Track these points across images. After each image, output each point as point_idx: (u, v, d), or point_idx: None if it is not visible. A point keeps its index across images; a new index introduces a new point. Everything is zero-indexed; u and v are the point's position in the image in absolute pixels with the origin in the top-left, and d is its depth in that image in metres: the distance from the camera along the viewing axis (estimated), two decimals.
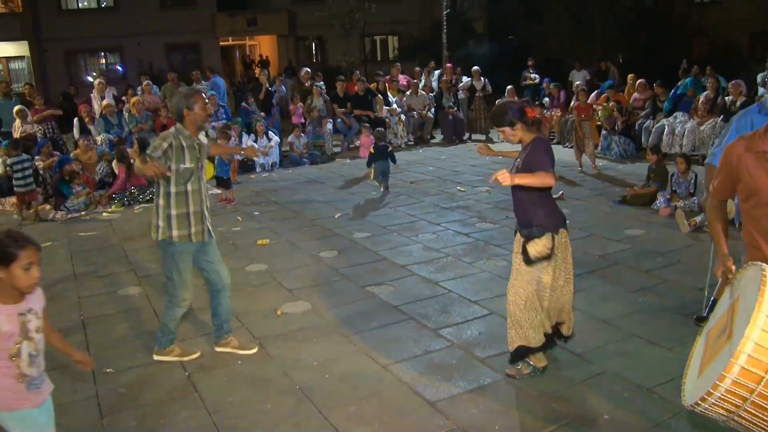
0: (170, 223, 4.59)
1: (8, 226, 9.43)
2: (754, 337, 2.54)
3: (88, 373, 4.85)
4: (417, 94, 15.76)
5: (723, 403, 2.65)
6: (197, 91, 4.78)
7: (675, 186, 8.92)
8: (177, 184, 4.56)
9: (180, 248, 4.65)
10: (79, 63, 26.56)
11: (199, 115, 4.63)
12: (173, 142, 4.51)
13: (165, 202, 4.59)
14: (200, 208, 4.69)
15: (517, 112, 4.30)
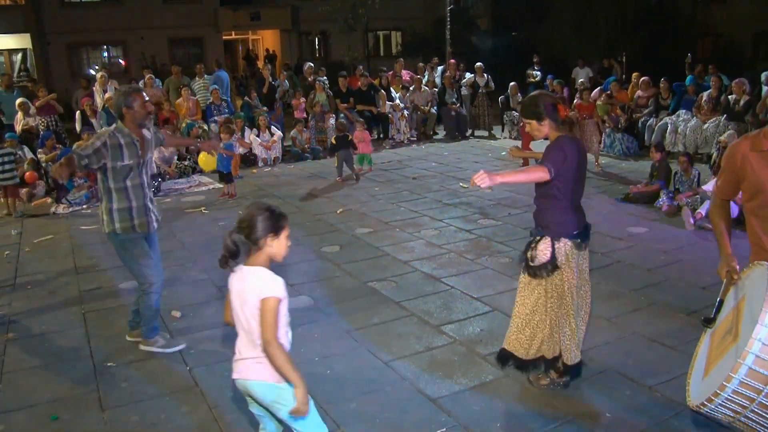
0: (113, 217, 4.73)
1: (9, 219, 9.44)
2: (762, 338, 2.52)
3: (90, 367, 4.87)
4: (420, 90, 15.73)
5: (730, 404, 2.63)
6: (136, 89, 4.86)
7: (678, 184, 8.91)
8: (116, 181, 4.68)
9: (125, 238, 4.79)
10: (82, 56, 26.51)
11: (138, 113, 4.71)
12: (108, 140, 4.60)
13: (106, 197, 4.73)
14: (143, 203, 4.82)
15: (549, 107, 3.98)
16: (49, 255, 7.77)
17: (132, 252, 4.85)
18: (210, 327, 5.49)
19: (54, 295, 6.45)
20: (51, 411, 4.27)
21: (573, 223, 4.11)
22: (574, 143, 4.02)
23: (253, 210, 2.89)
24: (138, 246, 4.86)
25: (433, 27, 26.01)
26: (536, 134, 4.10)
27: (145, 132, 4.86)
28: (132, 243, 4.83)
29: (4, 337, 5.46)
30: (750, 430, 2.74)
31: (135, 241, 4.84)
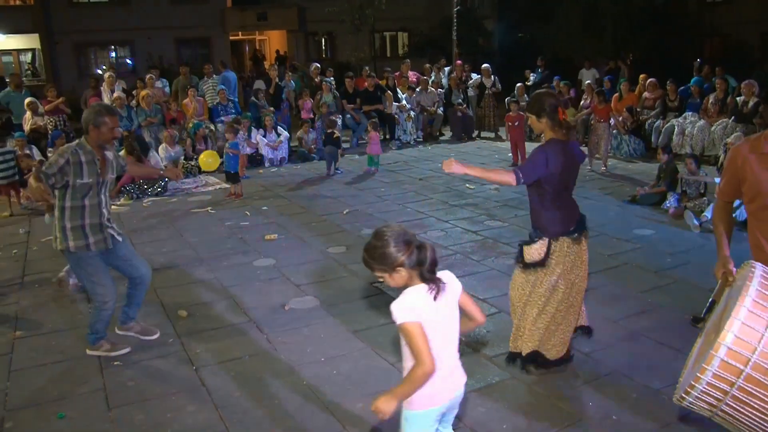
0: (66, 234, 4.63)
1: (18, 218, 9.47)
2: (735, 330, 2.53)
3: (96, 365, 4.88)
4: (426, 91, 15.73)
5: (706, 397, 2.64)
6: (111, 111, 4.71)
7: (685, 186, 8.88)
8: (73, 199, 4.59)
9: (81, 255, 4.70)
10: (90, 56, 26.60)
11: (103, 135, 4.62)
12: (70, 158, 4.50)
13: (60, 215, 4.64)
14: (98, 221, 4.70)
15: (550, 107, 4.20)
16: (56, 254, 7.72)
17: (86, 270, 4.77)
18: (216, 326, 5.50)
19: (61, 293, 6.46)
20: (58, 409, 4.29)
21: (566, 221, 4.32)
22: (563, 147, 4.20)
23: None
24: (91, 264, 4.76)
25: (440, 28, 25.99)
26: (535, 129, 4.41)
27: (106, 153, 4.76)
28: (86, 261, 4.74)
29: (12, 335, 5.49)
30: (728, 424, 2.74)
31: (89, 260, 4.74)
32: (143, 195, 10.49)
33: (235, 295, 6.18)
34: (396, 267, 2.65)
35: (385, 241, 2.66)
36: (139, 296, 5.24)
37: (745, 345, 2.52)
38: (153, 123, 12.80)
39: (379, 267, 2.68)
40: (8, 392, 4.55)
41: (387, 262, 2.65)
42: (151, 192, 10.55)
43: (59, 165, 4.47)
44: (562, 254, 4.28)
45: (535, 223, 4.37)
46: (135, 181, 10.59)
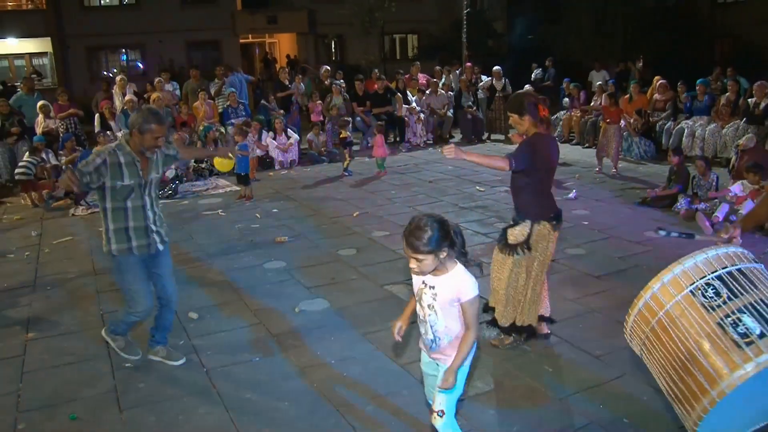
0: (109, 238, 4.49)
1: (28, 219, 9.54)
2: (676, 271, 3.11)
3: (108, 367, 4.91)
4: (436, 93, 15.73)
5: (637, 331, 3.25)
6: (160, 120, 4.46)
7: (696, 188, 8.85)
8: (113, 200, 4.43)
9: (122, 260, 4.54)
10: (101, 59, 26.76)
11: (146, 142, 4.40)
12: (108, 158, 4.34)
13: (103, 216, 4.52)
14: (143, 224, 4.52)
15: (531, 105, 4.59)
16: (68, 256, 7.84)
17: (125, 276, 4.60)
18: (227, 329, 5.52)
19: (73, 295, 6.51)
20: (70, 410, 4.31)
21: (548, 207, 4.71)
22: (546, 140, 4.68)
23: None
24: (132, 271, 4.59)
25: (450, 30, 25.99)
26: (518, 127, 4.73)
27: (161, 150, 4.61)
28: (127, 266, 4.57)
29: (25, 337, 5.52)
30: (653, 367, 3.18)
31: (130, 266, 4.57)
32: None
33: (245, 298, 6.20)
34: (442, 249, 2.95)
35: (431, 225, 2.94)
36: (166, 319, 4.94)
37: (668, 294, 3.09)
38: None
39: (427, 249, 2.92)
40: (21, 394, 4.58)
41: (439, 244, 2.94)
42: (161, 194, 10.59)
43: (96, 165, 4.31)
44: (541, 237, 4.67)
45: (519, 208, 4.77)
46: None
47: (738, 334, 2.75)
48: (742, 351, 2.73)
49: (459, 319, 3.10)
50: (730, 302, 2.85)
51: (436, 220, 2.97)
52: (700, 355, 2.85)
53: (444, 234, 2.96)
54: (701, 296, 2.92)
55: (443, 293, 3.07)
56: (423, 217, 2.99)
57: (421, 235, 2.91)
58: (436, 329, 3.14)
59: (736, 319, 2.80)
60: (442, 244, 2.95)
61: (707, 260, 3.04)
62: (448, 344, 3.16)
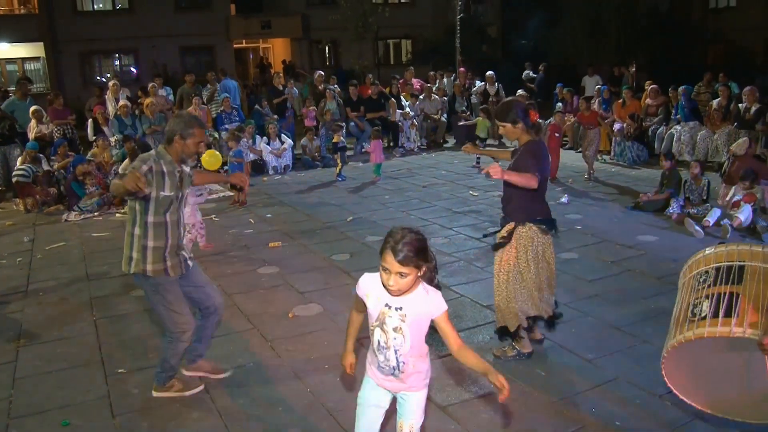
0: (145, 256, 4.13)
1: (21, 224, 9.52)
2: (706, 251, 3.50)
3: (101, 373, 4.90)
4: (430, 98, 15.75)
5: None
6: (200, 123, 4.30)
7: (688, 192, 8.89)
8: (156, 214, 4.11)
9: (158, 281, 4.20)
10: (94, 64, 26.70)
11: (188, 149, 4.18)
12: (153, 166, 4.05)
13: (141, 232, 4.12)
14: (176, 242, 4.24)
15: (521, 112, 4.56)
16: (60, 262, 7.83)
17: (164, 297, 4.23)
18: (220, 334, 5.49)
19: (66, 301, 6.49)
20: (62, 417, 4.30)
21: (535, 211, 4.64)
22: (540, 145, 4.66)
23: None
24: (171, 291, 4.25)
25: (444, 35, 26.03)
26: (510, 136, 4.69)
27: (184, 166, 4.32)
28: (164, 287, 4.22)
29: (17, 343, 5.50)
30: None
31: (168, 285, 4.23)
32: None
33: (239, 303, 6.20)
34: (425, 264, 2.84)
35: (418, 237, 2.82)
36: (211, 329, 4.67)
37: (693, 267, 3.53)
38: (157, 131, 12.83)
39: (418, 262, 2.78)
40: (12, 400, 4.56)
41: (425, 257, 2.83)
42: None
43: (143, 171, 3.96)
44: (522, 236, 4.62)
45: (507, 212, 4.74)
46: None
47: (693, 314, 3.24)
48: (685, 326, 3.23)
49: (423, 337, 2.96)
50: (707, 288, 3.29)
51: (419, 232, 2.84)
52: (674, 317, 3.43)
53: (426, 248, 2.84)
54: (697, 278, 3.40)
55: (413, 312, 2.87)
56: (405, 229, 2.83)
57: (410, 247, 2.76)
58: (401, 353, 2.94)
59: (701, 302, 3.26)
60: (426, 257, 2.83)
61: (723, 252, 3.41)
62: (412, 369, 2.98)
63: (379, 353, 2.99)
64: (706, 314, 3.19)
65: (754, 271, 3.26)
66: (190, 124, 4.16)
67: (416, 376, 3.03)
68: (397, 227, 2.86)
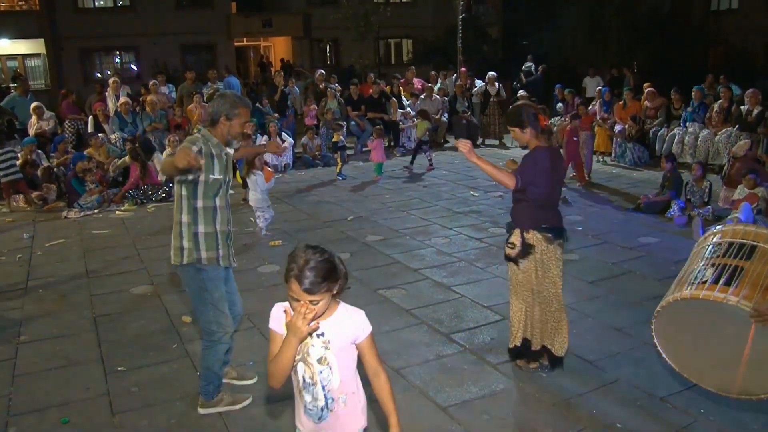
0: (198, 243, 3.94)
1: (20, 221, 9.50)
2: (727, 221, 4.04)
3: (100, 371, 4.89)
4: (431, 98, 15.74)
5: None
6: (246, 104, 4.07)
7: (689, 194, 8.88)
8: (205, 198, 3.93)
9: (210, 273, 4.01)
10: (95, 61, 26.68)
11: (234, 129, 4.00)
12: (203, 147, 3.86)
13: (191, 219, 3.94)
14: (227, 228, 4.09)
15: (531, 116, 4.46)
16: (60, 259, 7.81)
17: (213, 294, 4.03)
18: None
19: (65, 299, 6.48)
20: (62, 414, 4.29)
21: (541, 218, 4.50)
22: (548, 152, 4.48)
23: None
24: (220, 287, 4.08)
25: (445, 35, 26.02)
26: (519, 141, 4.60)
27: (229, 149, 4.15)
28: (213, 282, 4.03)
29: (16, 340, 5.49)
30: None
31: (217, 280, 4.06)
32: (147, 200, 10.50)
33: None
34: (336, 283, 2.49)
35: (330, 255, 2.48)
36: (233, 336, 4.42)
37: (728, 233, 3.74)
38: (158, 128, 12.81)
39: (328, 285, 2.43)
40: (12, 397, 4.55)
41: (335, 277, 2.47)
42: (155, 197, 10.56)
43: (193, 151, 3.73)
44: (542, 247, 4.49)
45: (512, 217, 4.65)
46: (139, 187, 10.61)
47: (695, 277, 3.42)
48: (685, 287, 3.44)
49: (354, 366, 2.60)
50: (715, 257, 3.50)
51: (323, 249, 2.47)
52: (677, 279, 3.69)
53: (335, 265, 2.47)
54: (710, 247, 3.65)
55: (338, 338, 2.53)
56: (309, 249, 2.45)
57: (316, 272, 2.38)
58: (330, 388, 2.55)
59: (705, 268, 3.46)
60: (336, 277, 2.47)
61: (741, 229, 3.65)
62: (344, 406, 2.57)
63: (305, 392, 2.57)
64: (707, 279, 3.33)
65: (765, 252, 3.39)
66: (235, 104, 3.97)
67: (350, 418, 2.62)
68: (300, 248, 2.45)
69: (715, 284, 3.27)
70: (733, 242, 3.52)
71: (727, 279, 3.27)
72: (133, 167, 10.79)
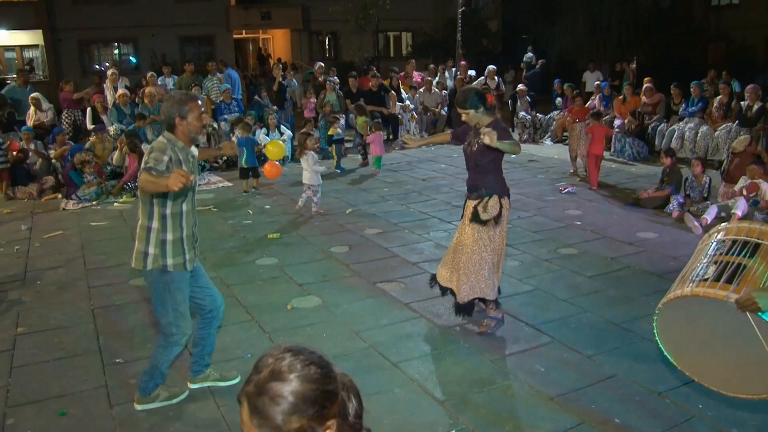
0: (164, 250, 3.93)
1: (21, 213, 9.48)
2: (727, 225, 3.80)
3: (99, 362, 4.88)
4: (430, 92, 15.71)
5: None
6: (192, 97, 4.08)
7: (689, 190, 8.87)
8: (174, 205, 3.93)
9: (176, 277, 4.00)
10: (93, 53, 26.61)
11: (192, 126, 3.95)
12: (172, 155, 3.84)
13: (159, 225, 3.93)
14: (192, 231, 4.09)
15: (481, 98, 5.02)
16: (58, 251, 7.80)
17: (175, 296, 4.02)
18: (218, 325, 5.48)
19: (63, 290, 6.47)
20: (60, 406, 4.28)
21: (506, 185, 5.21)
22: (503, 122, 5.24)
23: None
24: (183, 290, 4.07)
25: (444, 29, 25.98)
26: (472, 121, 5.09)
27: (193, 149, 4.12)
28: (178, 284, 4.02)
29: (14, 332, 5.48)
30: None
31: (182, 283, 4.05)
32: None
33: (237, 294, 6.18)
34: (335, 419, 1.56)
35: (323, 370, 1.57)
36: (214, 334, 4.47)
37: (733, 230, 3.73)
38: (156, 121, 12.78)
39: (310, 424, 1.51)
40: (10, 389, 4.55)
41: (323, 412, 1.53)
42: None
43: (165, 162, 3.76)
44: (506, 210, 5.12)
45: (486, 186, 5.08)
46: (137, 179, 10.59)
47: (697, 275, 3.43)
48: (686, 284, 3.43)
49: None
50: (718, 255, 3.50)
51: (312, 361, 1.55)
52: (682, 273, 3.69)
53: (328, 395, 1.55)
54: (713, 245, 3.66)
55: None
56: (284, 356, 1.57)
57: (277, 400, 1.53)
58: None
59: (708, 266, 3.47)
60: (325, 414, 1.53)
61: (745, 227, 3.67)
62: None
63: None
64: (709, 277, 3.35)
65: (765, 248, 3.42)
66: (183, 101, 3.95)
67: None
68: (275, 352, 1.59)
69: (716, 282, 3.26)
70: (737, 239, 3.51)
71: (728, 277, 3.26)
72: (131, 159, 10.76)
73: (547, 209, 8.96)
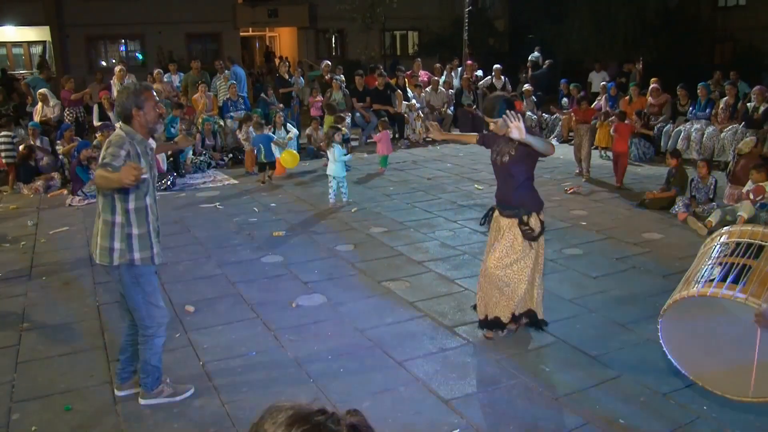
0: (131, 245, 3.92)
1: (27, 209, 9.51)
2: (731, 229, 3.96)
3: (104, 358, 4.89)
4: (437, 91, 15.70)
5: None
6: (147, 87, 4.06)
7: (694, 191, 8.84)
8: (137, 199, 3.91)
9: (143, 270, 3.99)
10: (100, 49, 26.66)
11: (149, 116, 3.95)
12: (130, 149, 3.83)
13: (123, 220, 3.91)
14: (157, 225, 4.09)
15: (508, 105, 4.68)
16: (64, 246, 7.82)
17: (145, 289, 4.03)
18: (223, 322, 5.50)
19: (69, 286, 6.49)
20: (65, 401, 4.30)
21: (539, 200, 4.94)
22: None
23: None
24: (152, 282, 4.08)
25: (451, 28, 25.94)
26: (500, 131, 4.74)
27: (151, 141, 4.15)
28: (146, 277, 4.03)
29: (20, 327, 5.50)
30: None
31: (150, 276, 4.06)
32: None
33: (242, 291, 6.18)
34: None
35: None
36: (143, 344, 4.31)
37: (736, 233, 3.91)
38: (162, 116, 12.82)
39: None
40: (15, 384, 4.56)
41: None
42: (159, 187, 10.55)
43: (123, 158, 3.75)
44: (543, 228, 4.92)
45: (522, 203, 4.82)
46: None
47: (702, 276, 3.48)
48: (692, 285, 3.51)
49: None
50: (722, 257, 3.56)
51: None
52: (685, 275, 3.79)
53: None
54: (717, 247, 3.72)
55: None
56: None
57: None
58: None
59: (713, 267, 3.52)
60: None
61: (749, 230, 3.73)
62: None
63: None
64: (715, 278, 3.41)
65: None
66: (138, 92, 3.94)
67: None
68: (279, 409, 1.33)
69: (722, 282, 3.27)
70: (740, 242, 3.52)
71: (734, 277, 3.26)
72: None
73: (553, 209, 8.94)
